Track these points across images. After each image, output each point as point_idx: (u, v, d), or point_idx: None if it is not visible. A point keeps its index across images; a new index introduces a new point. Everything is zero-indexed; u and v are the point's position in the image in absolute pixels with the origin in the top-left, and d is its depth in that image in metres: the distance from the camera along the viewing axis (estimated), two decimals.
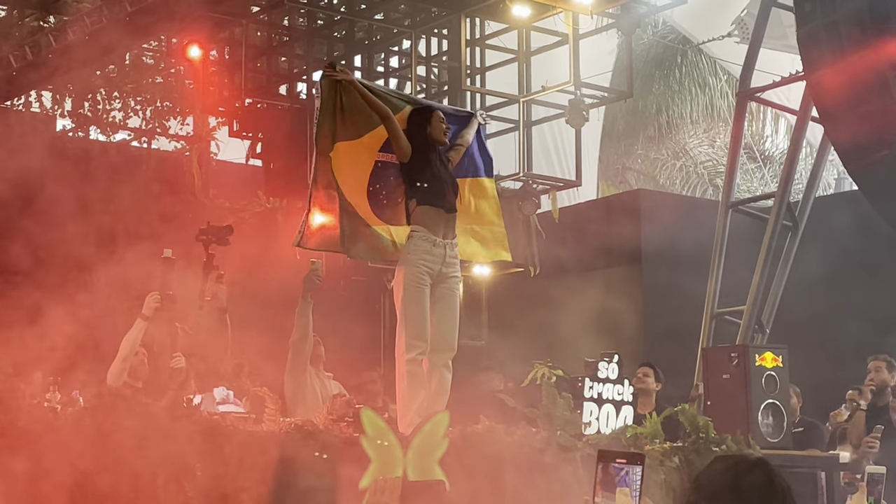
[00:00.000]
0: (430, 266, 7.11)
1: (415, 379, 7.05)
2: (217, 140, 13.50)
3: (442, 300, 7.22)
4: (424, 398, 7.04)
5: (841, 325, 12.13)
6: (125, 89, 13.37)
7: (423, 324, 7.08)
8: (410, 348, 7.05)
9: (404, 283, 7.10)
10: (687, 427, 7.56)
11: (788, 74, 12.01)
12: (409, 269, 7.08)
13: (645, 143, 20.30)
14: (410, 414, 6.95)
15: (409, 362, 7.06)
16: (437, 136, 7.30)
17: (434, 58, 13.55)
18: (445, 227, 7.19)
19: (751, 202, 12.70)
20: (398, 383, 7.16)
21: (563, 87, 12.30)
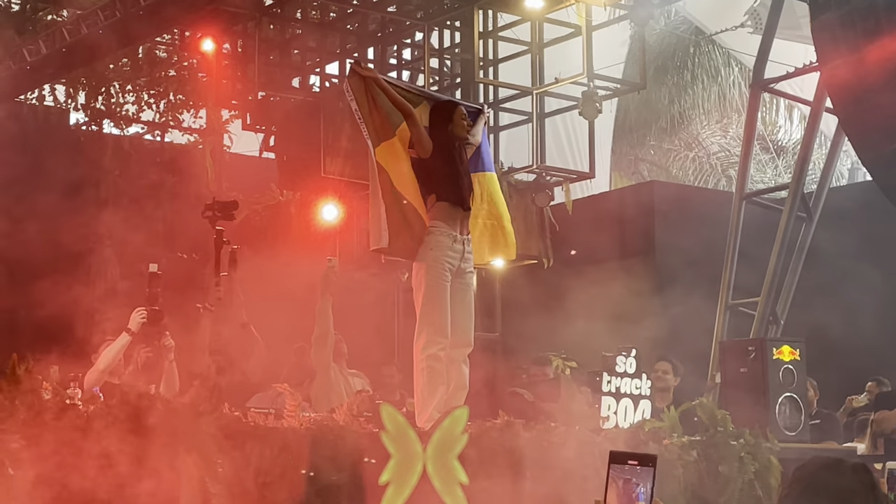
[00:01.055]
0: (452, 262, 7.12)
1: (435, 374, 7.06)
2: (230, 133, 13.47)
3: (459, 295, 7.23)
4: (444, 393, 7.06)
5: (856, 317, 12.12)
6: (138, 83, 13.35)
7: (445, 320, 7.09)
8: (432, 344, 7.05)
9: (426, 279, 7.08)
10: (705, 421, 7.58)
11: (802, 65, 12.01)
12: (431, 265, 7.08)
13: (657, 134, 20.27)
14: (430, 409, 6.96)
15: (429, 357, 7.06)
16: (460, 133, 7.30)
17: (447, 50, 13.56)
18: (462, 224, 7.21)
19: (765, 193, 12.71)
20: (416, 378, 7.16)
21: (576, 79, 12.31)
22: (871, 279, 12.27)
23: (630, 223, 14.40)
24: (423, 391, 7.04)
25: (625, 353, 7.74)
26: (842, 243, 12.39)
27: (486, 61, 13.09)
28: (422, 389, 7.06)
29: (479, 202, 7.58)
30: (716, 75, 20.09)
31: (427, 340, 7.05)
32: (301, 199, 12.74)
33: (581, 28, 12.21)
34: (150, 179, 13.10)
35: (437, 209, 7.15)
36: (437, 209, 7.15)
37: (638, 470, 2.48)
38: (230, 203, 8.65)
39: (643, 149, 20.39)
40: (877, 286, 12.17)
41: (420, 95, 7.59)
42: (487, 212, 7.64)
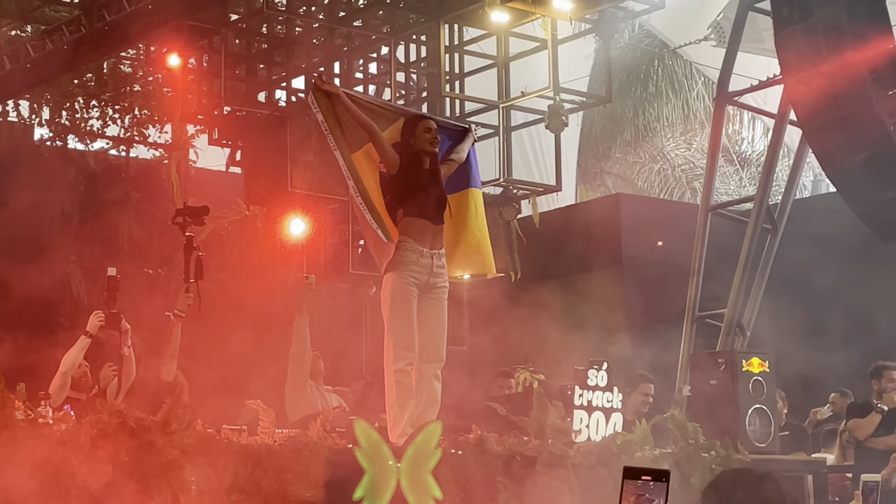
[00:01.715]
0: (417, 277, 7.13)
1: (404, 389, 7.08)
2: (196, 148, 13.45)
3: (429, 310, 7.24)
4: (414, 408, 7.07)
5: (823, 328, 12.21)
6: (103, 98, 13.32)
7: (410, 334, 7.10)
8: (398, 359, 7.07)
9: (391, 294, 7.11)
10: (676, 433, 7.62)
11: (766, 78, 12.06)
12: (396, 280, 7.09)
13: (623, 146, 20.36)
14: (402, 424, 6.98)
15: (397, 373, 7.08)
16: (422, 146, 7.29)
17: (413, 64, 13.58)
18: (433, 238, 7.21)
19: (730, 205, 12.75)
20: (387, 393, 7.18)
21: (542, 93, 12.34)
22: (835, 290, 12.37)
23: (596, 236, 14.44)
24: (394, 406, 7.06)
25: (596, 367, 7.76)
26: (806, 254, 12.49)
27: (452, 75, 13.11)
28: (392, 404, 7.08)
29: (473, 217, 7.60)
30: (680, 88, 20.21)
31: (394, 356, 7.08)
32: (268, 213, 12.72)
33: (546, 42, 12.25)
34: (116, 195, 13.06)
35: (404, 224, 7.16)
36: (404, 224, 7.16)
37: (651, 486, 2.49)
38: (201, 209, 8.65)
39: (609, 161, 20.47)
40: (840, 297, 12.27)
41: (396, 112, 7.61)
42: (475, 227, 7.66)
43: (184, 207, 8.50)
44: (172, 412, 6.02)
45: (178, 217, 8.44)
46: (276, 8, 12.76)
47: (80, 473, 5.63)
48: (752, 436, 8.16)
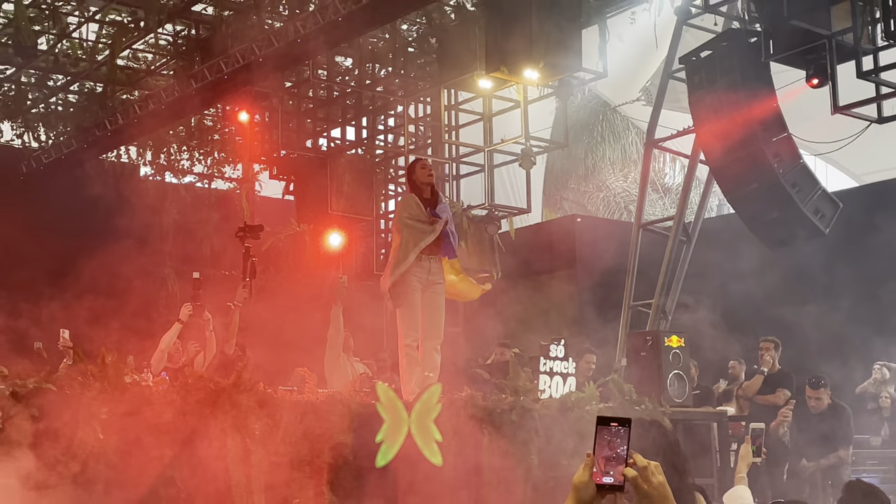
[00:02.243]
0: (419, 276, 7.17)
1: (411, 360, 7.08)
2: (260, 181, 13.48)
3: (430, 300, 7.26)
4: (420, 373, 7.06)
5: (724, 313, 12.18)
6: (191, 144, 13.36)
7: (415, 318, 7.12)
8: (406, 337, 7.10)
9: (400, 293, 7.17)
10: (616, 392, 7.61)
11: (683, 128, 12.03)
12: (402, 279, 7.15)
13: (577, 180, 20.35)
14: (411, 385, 6.97)
15: (406, 347, 7.09)
16: (422, 178, 7.30)
17: (421, 119, 13.59)
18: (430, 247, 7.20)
19: (656, 223, 12.72)
20: (400, 363, 7.19)
21: (516, 140, 12.34)
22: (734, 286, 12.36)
23: (557, 246, 14.44)
24: (405, 372, 7.06)
25: (556, 342, 7.76)
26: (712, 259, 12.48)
27: (450, 127, 13.12)
28: (403, 370, 7.08)
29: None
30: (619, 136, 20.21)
31: (403, 335, 7.09)
32: (313, 230, 12.75)
33: (520, 102, 12.25)
34: (201, 216, 13.07)
35: None
36: None
37: (620, 430, 2.45)
38: (257, 227, 8.68)
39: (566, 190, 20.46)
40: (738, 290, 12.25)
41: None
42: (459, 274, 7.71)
43: (244, 225, 8.52)
44: (241, 376, 6.01)
45: (240, 232, 8.46)
46: (319, 78, 12.78)
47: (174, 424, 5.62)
48: (672, 394, 8.15)
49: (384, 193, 13.43)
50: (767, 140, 10.17)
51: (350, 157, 13.24)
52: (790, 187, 10.22)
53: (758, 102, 10.17)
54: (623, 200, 20.11)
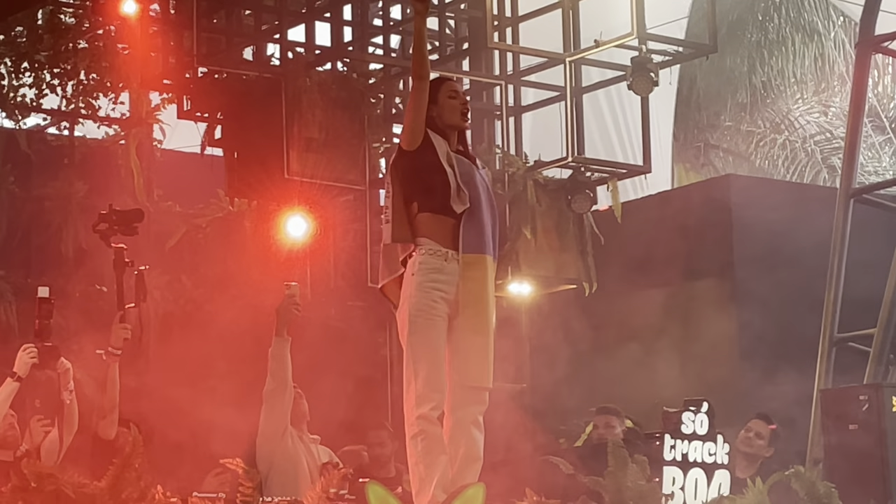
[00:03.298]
0: (445, 289, 7.12)
1: (431, 441, 7.07)
2: (162, 123, 13.53)
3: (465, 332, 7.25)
4: (447, 466, 7.07)
5: None
6: (38, 58, 13.41)
7: (437, 368, 7.10)
8: (423, 401, 7.06)
9: (409, 314, 7.12)
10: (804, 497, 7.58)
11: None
12: (416, 295, 7.11)
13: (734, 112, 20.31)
14: (430, 488, 6.98)
15: (420, 419, 7.07)
16: (450, 120, 7.32)
17: (450, 6, 13.59)
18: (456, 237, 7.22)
19: (880, 188, 12.74)
20: (409, 448, 7.19)
21: (623, 41, 12.33)
22: None
23: (700, 232, 14.42)
24: (419, 465, 7.05)
25: (693, 409, 7.75)
26: None
27: (501, 20, 13.13)
28: (416, 462, 7.07)
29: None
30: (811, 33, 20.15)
31: (417, 397, 7.06)
32: (259, 209, 12.78)
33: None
34: (56, 187, 13.14)
35: (422, 221, 7.17)
36: (422, 221, 7.17)
37: None
38: (131, 213, 8.72)
39: (716, 133, 20.43)
40: None
41: None
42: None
43: (109, 211, 8.55)
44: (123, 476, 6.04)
45: (100, 224, 8.50)
46: None
47: None
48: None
49: (383, 142, 13.46)
50: None
51: (323, 77, 13.26)
52: None
53: None
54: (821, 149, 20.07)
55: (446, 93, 7.33)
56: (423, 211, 7.18)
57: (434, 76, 7.64)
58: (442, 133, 7.27)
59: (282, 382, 8.42)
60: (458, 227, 7.19)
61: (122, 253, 8.47)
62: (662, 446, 7.64)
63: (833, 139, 19.57)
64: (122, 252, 8.47)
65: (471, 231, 7.23)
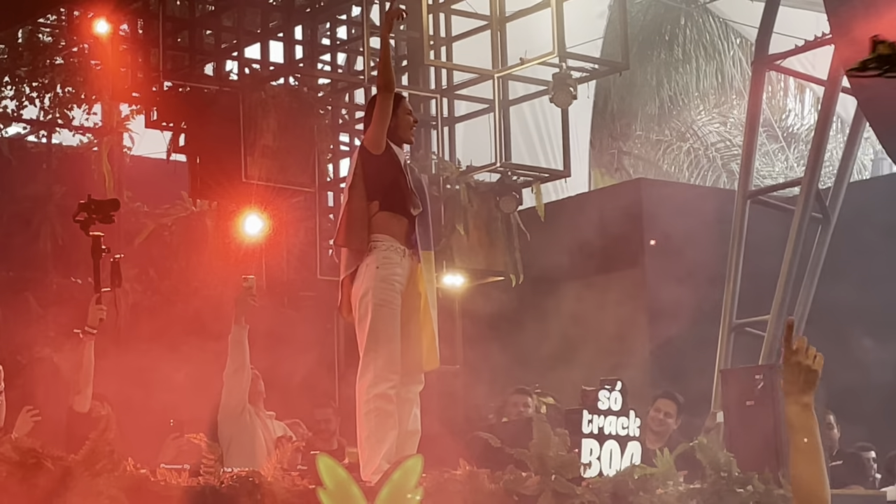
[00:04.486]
0: (402, 281, 7.19)
1: (385, 417, 7.10)
2: (131, 132, 13.47)
3: (410, 322, 7.29)
4: (394, 440, 7.09)
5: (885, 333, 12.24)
6: (18, 73, 13.33)
7: (396, 352, 7.14)
8: (381, 381, 7.10)
9: (373, 303, 7.15)
10: (706, 465, 7.64)
11: (813, 37, 12.11)
12: (377, 286, 7.14)
13: (644, 122, 20.37)
14: (378, 459, 6.99)
15: (377, 398, 7.10)
16: (404, 134, 7.39)
17: None
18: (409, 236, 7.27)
19: (773, 191, 12.82)
20: (361, 423, 7.20)
21: (545, 59, 12.34)
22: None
23: (614, 230, 14.45)
24: (371, 438, 7.07)
25: (608, 387, 7.79)
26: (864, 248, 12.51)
27: (437, 39, 13.12)
28: (368, 436, 7.10)
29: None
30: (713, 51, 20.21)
31: (374, 377, 7.09)
32: (219, 209, 12.74)
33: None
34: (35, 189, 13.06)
35: (380, 219, 7.21)
36: (380, 219, 7.21)
37: None
38: (108, 203, 8.63)
39: (628, 141, 20.49)
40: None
41: None
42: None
43: (88, 201, 8.47)
44: (97, 449, 6.02)
45: (80, 213, 8.42)
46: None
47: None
48: None
49: (333, 150, 13.45)
50: None
51: (277, 90, 13.22)
52: None
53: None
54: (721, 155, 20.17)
55: (405, 109, 7.40)
56: (383, 209, 7.23)
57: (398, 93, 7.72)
58: (398, 143, 7.34)
59: (240, 365, 8.41)
60: (411, 227, 7.25)
61: (100, 240, 8.40)
62: (581, 421, 7.68)
63: (732, 147, 19.66)
64: (99, 239, 8.40)
65: (426, 231, 7.31)
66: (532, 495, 6.99)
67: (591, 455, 7.61)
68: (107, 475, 6.00)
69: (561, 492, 7.03)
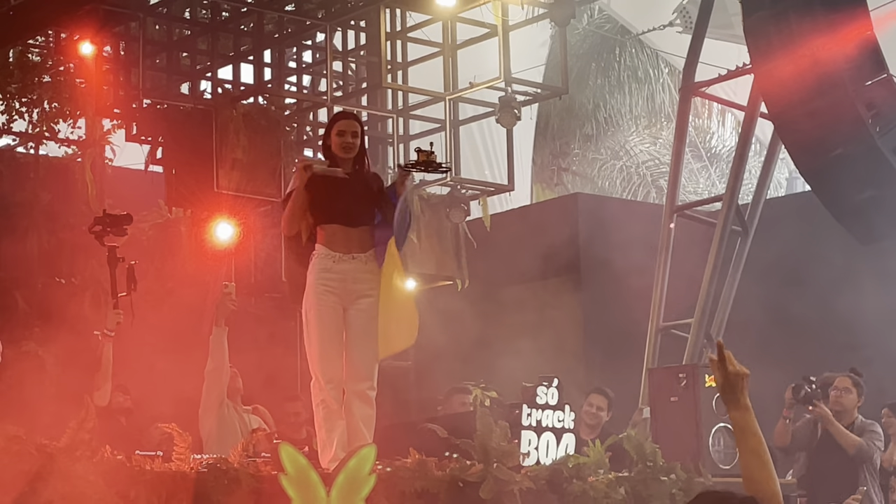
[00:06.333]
0: (334, 285, 7.15)
1: (329, 411, 7.10)
2: (112, 144, 13.35)
3: (356, 322, 7.26)
4: (344, 431, 7.08)
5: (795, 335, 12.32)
6: (8, 90, 13.20)
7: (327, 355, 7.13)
8: (318, 385, 7.14)
9: (306, 311, 7.19)
10: (633, 455, 7.66)
11: (735, 67, 12.17)
12: (312, 293, 7.16)
13: (582, 142, 20.44)
14: (332, 448, 6.98)
15: (321, 392, 7.12)
16: (336, 152, 7.34)
17: (351, 52, 13.57)
18: (349, 242, 7.22)
19: (697, 205, 12.88)
20: (315, 415, 7.21)
21: (492, 84, 12.36)
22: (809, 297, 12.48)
23: (553, 239, 14.48)
24: (322, 429, 7.10)
25: (546, 384, 7.81)
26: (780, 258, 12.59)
27: (394, 64, 13.12)
28: (320, 426, 7.12)
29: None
30: (643, 78, 20.31)
31: (314, 380, 7.13)
32: (193, 216, 12.68)
33: (497, 28, 12.28)
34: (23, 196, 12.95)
35: (319, 234, 7.22)
36: (319, 234, 7.22)
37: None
38: (123, 217, 8.64)
39: (567, 158, 20.54)
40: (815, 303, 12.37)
41: None
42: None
43: (103, 215, 8.46)
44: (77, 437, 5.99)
45: (95, 226, 8.39)
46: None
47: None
48: (715, 457, 8.21)
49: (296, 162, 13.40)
50: (858, 84, 10.29)
51: (247, 108, 13.17)
52: (891, 154, 10.35)
53: (844, 29, 10.29)
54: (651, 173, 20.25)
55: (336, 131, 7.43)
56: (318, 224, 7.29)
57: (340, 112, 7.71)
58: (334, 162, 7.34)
59: (220, 364, 8.38)
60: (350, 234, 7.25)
61: (115, 250, 8.39)
62: (521, 414, 7.68)
63: (661, 165, 19.77)
64: (114, 249, 8.39)
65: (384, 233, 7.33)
66: (476, 482, 7.00)
67: (529, 445, 7.61)
68: (85, 461, 5.97)
69: (502, 479, 7.04)
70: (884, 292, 12.17)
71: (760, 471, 3.80)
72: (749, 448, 3.85)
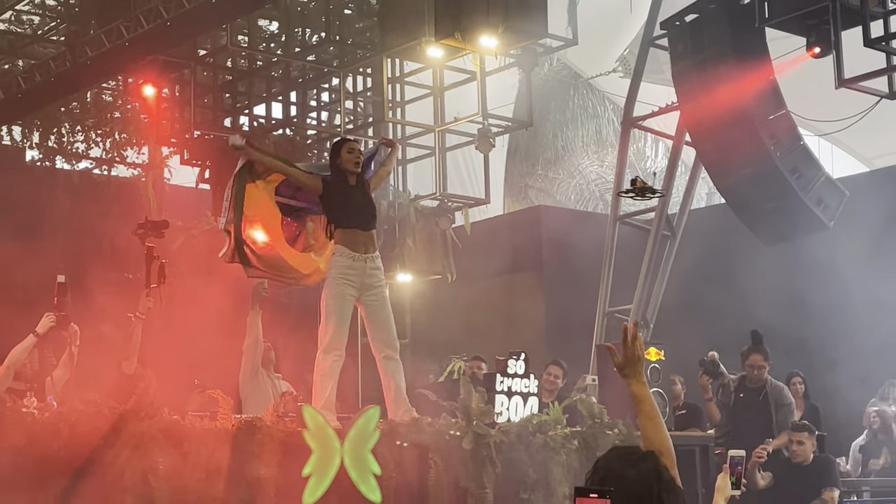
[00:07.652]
0: (352, 279, 7.16)
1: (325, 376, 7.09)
2: (169, 167, 13.36)
3: (373, 307, 7.28)
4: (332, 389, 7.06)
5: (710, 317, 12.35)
6: (87, 123, 13.21)
7: (340, 332, 7.14)
8: (329, 351, 7.11)
9: (326, 296, 7.18)
10: (585, 414, 7.67)
11: (665, 105, 12.18)
12: (330, 284, 7.17)
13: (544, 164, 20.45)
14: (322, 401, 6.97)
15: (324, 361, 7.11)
16: (346, 166, 7.33)
17: (360, 93, 13.57)
18: (365, 244, 7.24)
19: (635, 216, 12.88)
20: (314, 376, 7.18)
21: (472, 118, 12.38)
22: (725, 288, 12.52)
23: (521, 242, 14.51)
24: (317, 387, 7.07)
25: (515, 357, 7.81)
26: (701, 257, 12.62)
27: (394, 103, 13.12)
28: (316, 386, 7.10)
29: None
30: (593, 114, 20.34)
31: (323, 350, 7.11)
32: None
33: (476, 74, 12.29)
34: (99, 209, 12.94)
35: (338, 235, 7.22)
36: (338, 235, 7.22)
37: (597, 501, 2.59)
38: (160, 223, 8.59)
39: (532, 177, 20.55)
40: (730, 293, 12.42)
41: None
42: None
43: (145, 221, 8.43)
44: (142, 400, 5.98)
45: (139, 229, 8.37)
46: (238, 45, 12.72)
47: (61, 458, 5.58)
48: None
49: None
50: (762, 118, 10.32)
51: (277, 138, 13.21)
52: (789, 173, 10.37)
53: (751, 74, 10.31)
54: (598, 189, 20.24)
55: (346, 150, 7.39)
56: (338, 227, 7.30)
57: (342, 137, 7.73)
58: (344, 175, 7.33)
59: (255, 340, 8.35)
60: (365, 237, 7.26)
61: (152, 250, 8.34)
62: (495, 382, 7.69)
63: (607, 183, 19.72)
64: (152, 249, 8.34)
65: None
66: (459, 436, 7.00)
67: (501, 406, 7.62)
68: (149, 420, 5.97)
69: (480, 433, 7.04)
70: (780, 282, 12.24)
71: (655, 431, 3.81)
72: (645, 413, 3.86)
